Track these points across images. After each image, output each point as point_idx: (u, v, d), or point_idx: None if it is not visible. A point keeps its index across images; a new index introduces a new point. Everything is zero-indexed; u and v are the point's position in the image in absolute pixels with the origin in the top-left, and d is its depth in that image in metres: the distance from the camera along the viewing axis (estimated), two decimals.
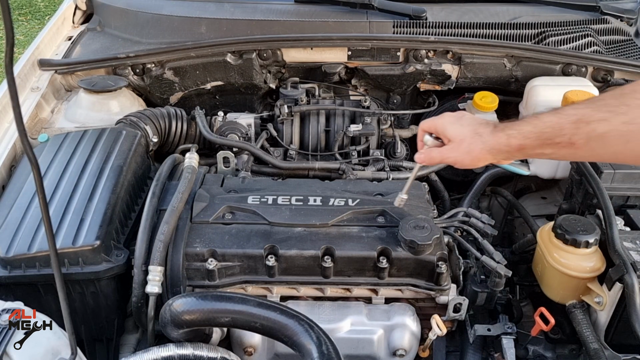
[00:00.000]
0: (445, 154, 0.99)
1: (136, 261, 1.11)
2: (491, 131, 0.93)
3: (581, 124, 0.79)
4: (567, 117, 0.81)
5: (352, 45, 1.71)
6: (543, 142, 0.85)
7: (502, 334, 1.22)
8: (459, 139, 0.97)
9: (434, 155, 1.02)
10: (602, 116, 0.77)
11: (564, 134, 0.81)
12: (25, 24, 5.24)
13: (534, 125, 0.86)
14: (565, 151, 0.83)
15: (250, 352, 1.16)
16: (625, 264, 1.10)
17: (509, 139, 0.89)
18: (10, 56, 0.60)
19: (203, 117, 1.60)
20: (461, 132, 0.96)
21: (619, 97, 0.77)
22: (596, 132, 0.78)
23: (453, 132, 0.98)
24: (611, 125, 0.76)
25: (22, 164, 1.36)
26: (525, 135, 0.87)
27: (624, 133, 0.76)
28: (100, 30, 1.93)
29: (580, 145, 0.80)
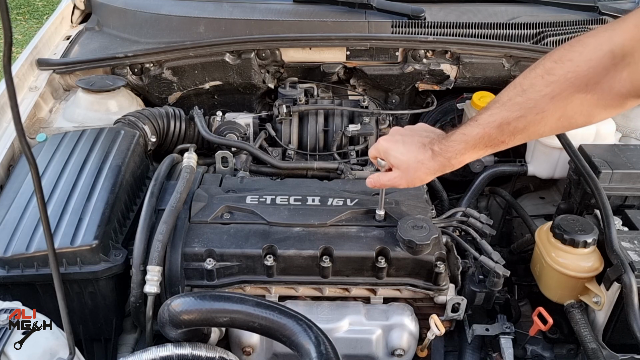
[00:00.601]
0: (395, 181, 1.07)
1: (134, 261, 1.10)
2: (431, 157, 1.01)
3: (503, 126, 0.91)
4: (489, 125, 0.92)
5: (351, 45, 1.71)
6: (478, 151, 0.97)
7: (500, 334, 1.23)
8: (403, 167, 1.05)
9: (384, 181, 1.10)
10: (518, 114, 0.89)
11: (493, 140, 0.93)
12: (24, 24, 5.24)
13: (465, 143, 0.96)
14: (499, 147, 0.95)
15: (249, 352, 1.16)
16: (623, 264, 1.10)
17: (449, 160, 1.00)
18: (8, 56, 0.60)
19: (202, 117, 1.60)
20: (404, 160, 1.04)
21: (523, 93, 0.88)
22: (518, 128, 0.90)
23: (396, 161, 1.05)
24: (528, 120, 0.89)
25: (20, 163, 1.36)
26: (461, 152, 0.98)
27: (540, 120, 0.89)
28: (98, 30, 1.92)
29: (509, 142, 0.93)
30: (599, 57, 0.81)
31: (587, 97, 0.84)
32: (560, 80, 0.84)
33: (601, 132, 1.50)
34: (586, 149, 1.38)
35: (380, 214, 1.20)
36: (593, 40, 0.82)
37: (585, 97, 0.84)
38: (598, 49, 0.81)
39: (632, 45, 0.78)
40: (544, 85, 0.86)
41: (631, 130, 1.67)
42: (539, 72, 0.87)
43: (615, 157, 1.35)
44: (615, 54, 0.80)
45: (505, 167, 1.63)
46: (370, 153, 1.13)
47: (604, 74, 0.81)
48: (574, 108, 0.86)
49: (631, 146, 1.44)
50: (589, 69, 0.82)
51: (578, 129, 1.44)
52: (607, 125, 1.52)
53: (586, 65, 0.82)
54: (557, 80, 0.85)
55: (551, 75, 0.85)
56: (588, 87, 0.83)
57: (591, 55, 0.82)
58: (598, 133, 1.50)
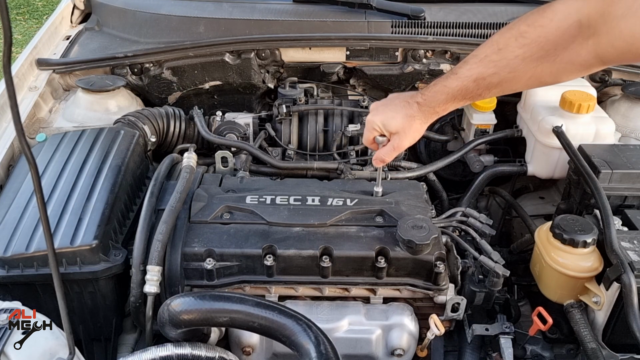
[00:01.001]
0: (398, 144, 1.14)
1: (134, 261, 1.10)
2: (418, 109, 1.10)
3: (479, 81, 0.99)
4: (467, 79, 1.00)
5: (351, 45, 1.71)
6: (458, 101, 1.05)
7: (500, 334, 1.23)
8: (400, 127, 1.12)
9: (388, 151, 1.16)
10: (492, 71, 0.97)
11: (470, 92, 1.02)
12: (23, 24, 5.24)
13: (446, 94, 1.05)
14: (477, 99, 1.04)
15: (249, 351, 1.16)
16: (623, 264, 1.10)
17: (435, 109, 1.09)
18: (8, 56, 0.60)
19: (201, 117, 1.60)
20: (399, 122, 1.12)
21: (498, 52, 0.95)
22: (492, 84, 0.98)
23: (395, 127, 1.13)
24: (501, 77, 0.96)
25: (20, 163, 1.36)
26: (444, 102, 1.06)
27: (512, 78, 0.96)
28: (98, 30, 1.92)
29: (485, 94, 1.02)
30: (567, 25, 0.87)
31: (556, 60, 0.91)
32: (532, 44, 0.91)
33: (601, 132, 1.50)
34: (586, 149, 1.38)
35: (378, 190, 1.25)
36: (563, 8, 0.89)
37: (555, 60, 0.91)
38: (567, 18, 0.87)
39: (596, 18, 0.83)
40: (517, 47, 0.93)
41: (631, 130, 1.67)
42: (513, 34, 0.93)
43: (614, 157, 1.35)
44: (582, 24, 0.86)
45: (505, 167, 1.63)
46: (366, 136, 1.19)
47: (571, 41, 0.88)
48: (543, 69, 0.93)
49: (631, 146, 1.44)
50: (558, 36, 0.89)
51: (578, 129, 1.46)
52: (607, 125, 1.52)
53: (555, 31, 0.89)
54: (529, 43, 0.91)
55: (524, 38, 0.92)
56: (557, 52, 0.90)
57: (560, 23, 0.88)
58: (598, 133, 1.50)
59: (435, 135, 1.75)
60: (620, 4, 0.80)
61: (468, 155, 1.66)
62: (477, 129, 1.67)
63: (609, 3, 0.81)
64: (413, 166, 1.61)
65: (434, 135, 1.75)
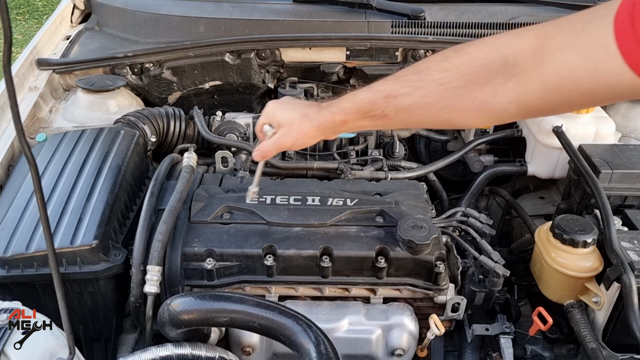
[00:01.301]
0: (280, 140, 1.06)
1: (134, 261, 1.10)
2: (316, 111, 1.02)
3: (390, 98, 0.91)
4: (378, 93, 0.93)
5: (351, 45, 1.71)
6: (362, 115, 0.96)
7: (500, 334, 1.23)
8: (289, 122, 1.04)
9: (268, 146, 1.08)
10: (406, 91, 0.89)
11: (377, 108, 0.93)
12: (23, 24, 5.24)
13: (352, 102, 0.97)
14: (381, 122, 0.95)
15: (249, 351, 1.16)
16: (623, 264, 1.10)
17: (333, 115, 0.99)
18: (8, 55, 0.60)
19: (201, 117, 1.60)
20: (290, 115, 1.04)
21: (417, 73, 0.89)
22: (402, 105, 0.90)
23: (283, 118, 1.05)
24: (413, 99, 0.89)
25: (20, 163, 1.36)
26: (346, 111, 0.98)
27: (424, 104, 0.88)
28: (98, 30, 1.92)
29: (392, 117, 0.93)
30: (492, 59, 0.81)
31: (471, 96, 0.83)
32: (453, 70, 0.85)
33: (601, 132, 1.50)
34: (586, 148, 1.38)
35: (254, 190, 1.18)
36: (493, 42, 0.83)
37: (470, 95, 0.84)
38: (494, 51, 0.81)
39: (524, 56, 0.77)
40: (437, 71, 0.86)
41: (631, 130, 1.67)
42: (437, 58, 0.88)
43: (615, 157, 1.35)
44: (507, 60, 0.79)
45: (505, 167, 1.63)
46: (258, 123, 1.12)
47: (492, 76, 0.81)
48: (457, 103, 0.86)
49: (631, 146, 1.44)
50: (481, 67, 0.82)
51: (578, 129, 1.46)
52: (607, 125, 1.52)
53: (479, 62, 0.82)
54: (450, 68, 0.85)
55: (447, 62, 0.86)
56: (475, 86, 0.83)
57: (486, 55, 0.82)
58: (598, 133, 1.50)
59: (435, 135, 1.75)
60: (557, 38, 0.73)
61: (468, 155, 1.66)
62: (477, 129, 1.67)
63: (542, 38, 0.75)
64: (413, 166, 1.61)
65: (434, 135, 1.75)
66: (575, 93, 0.72)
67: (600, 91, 0.69)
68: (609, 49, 0.64)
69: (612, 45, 0.64)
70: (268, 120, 1.09)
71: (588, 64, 0.68)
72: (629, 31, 0.62)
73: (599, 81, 0.68)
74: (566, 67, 0.71)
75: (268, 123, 1.10)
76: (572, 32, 0.70)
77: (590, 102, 0.76)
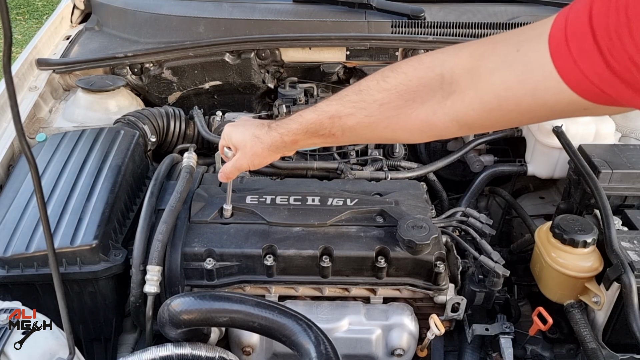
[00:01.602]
0: (237, 162, 1.09)
1: (134, 261, 1.10)
2: (266, 132, 1.03)
3: (335, 119, 0.92)
4: (323, 114, 0.94)
5: (351, 45, 1.71)
6: (311, 135, 0.97)
7: (500, 334, 1.23)
8: (242, 144, 1.07)
9: (229, 167, 1.11)
10: (349, 111, 0.90)
11: (324, 128, 0.94)
12: (23, 24, 5.24)
13: (299, 123, 0.98)
14: (331, 139, 0.97)
15: (249, 351, 1.16)
16: (623, 264, 1.10)
17: (282, 137, 1.01)
18: (8, 55, 0.59)
19: (201, 117, 1.60)
20: (243, 138, 1.06)
21: (359, 93, 0.90)
22: (347, 125, 0.92)
23: (237, 141, 1.08)
24: (357, 119, 0.90)
25: (20, 163, 1.36)
26: (294, 132, 0.99)
27: (369, 124, 0.89)
28: (98, 30, 1.92)
29: (339, 136, 0.94)
30: (429, 77, 0.81)
31: (412, 114, 0.84)
32: (391, 90, 0.85)
33: (601, 132, 1.50)
34: (586, 148, 1.38)
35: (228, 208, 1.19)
36: (429, 60, 0.83)
37: (411, 114, 0.84)
38: (431, 69, 0.81)
39: (460, 74, 0.77)
40: (377, 91, 0.87)
41: (631, 130, 1.67)
42: (377, 77, 0.88)
43: (614, 157, 1.35)
44: (444, 78, 0.79)
45: (505, 167, 1.63)
46: (220, 145, 1.15)
47: (431, 95, 0.81)
48: (399, 122, 0.87)
49: (631, 146, 1.44)
50: (418, 86, 0.82)
51: (578, 129, 1.46)
52: (607, 125, 1.52)
53: (417, 81, 0.83)
54: (389, 88, 0.85)
55: (385, 82, 0.86)
56: (415, 104, 0.83)
57: (423, 73, 0.82)
58: (598, 133, 1.50)
59: None
60: (493, 58, 0.73)
61: (468, 155, 1.66)
62: None
63: (478, 58, 0.75)
64: (413, 166, 1.61)
65: None
66: (515, 112, 0.73)
67: (539, 110, 0.71)
68: (545, 69, 0.66)
69: (548, 65, 0.66)
70: (225, 143, 1.12)
71: (527, 84, 0.69)
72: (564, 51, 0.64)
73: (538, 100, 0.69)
74: (504, 87, 0.72)
75: (227, 146, 1.12)
76: (507, 52, 0.72)
77: (530, 119, 0.77)
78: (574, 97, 0.65)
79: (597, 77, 0.62)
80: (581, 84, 0.64)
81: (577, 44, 0.62)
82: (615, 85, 0.61)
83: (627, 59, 0.58)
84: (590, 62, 0.61)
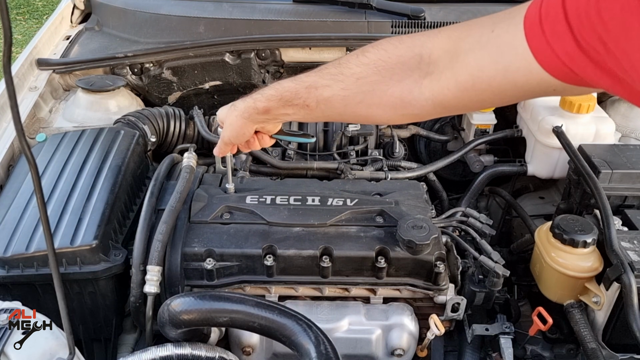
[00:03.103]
0: (223, 137, 1.10)
1: (134, 261, 1.10)
2: (242, 100, 1.04)
3: (311, 89, 0.92)
4: (301, 83, 0.94)
5: (351, 45, 1.71)
6: (284, 103, 0.96)
7: (500, 334, 1.23)
8: (224, 117, 1.08)
9: (219, 144, 1.13)
10: (326, 83, 0.91)
11: (299, 97, 0.94)
12: (23, 24, 5.24)
13: (275, 90, 0.97)
14: (304, 112, 0.96)
15: (249, 351, 1.16)
16: (623, 264, 1.10)
17: (255, 102, 1.00)
18: (8, 55, 0.60)
19: (201, 117, 1.60)
20: (226, 111, 1.08)
21: (338, 66, 0.90)
22: (323, 96, 0.91)
23: (221, 115, 1.10)
24: (333, 91, 0.90)
25: (20, 163, 1.36)
26: (268, 98, 0.98)
27: (343, 97, 0.89)
28: (98, 30, 1.92)
29: (313, 107, 0.93)
30: (409, 56, 0.83)
31: (387, 91, 0.85)
32: (370, 64, 0.86)
33: (601, 132, 1.50)
34: (586, 148, 1.38)
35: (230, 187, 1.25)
36: (409, 40, 0.85)
37: (387, 90, 0.85)
38: (411, 49, 0.83)
39: (438, 55, 0.79)
40: (355, 65, 0.88)
41: (631, 130, 1.67)
42: (357, 52, 0.89)
43: (614, 157, 1.35)
44: (422, 58, 0.81)
45: (505, 167, 1.63)
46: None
47: (408, 73, 0.83)
48: (373, 98, 0.87)
49: (631, 146, 1.44)
50: (397, 63, 0.84)
51: (578, 129, 1.46)
52: (607, 125, 1.52)
53: (396, 58, 0.84)
54: (367, 63, 0.86)
55: (365, 57, 0.87)
56: (392, 81, 0.84)
57: (403, 52, 0.84)
58: (598, 133, 1.50)
59: (435, 135, 1.75)
60: (468, 39, 0.76)
61: (468, 155, 1.66)
62: (477, 129, 1.67)
63: (455, 39, 0.78)
64: (413, 166, 1.61)
65: (434, 135, 1.75)
66: (488, 92, 0.76)
67: (511, 89, 0.73)
68: (518, 49, 0.68)
69: (522, 45, 0.68)
70: (219, 120, 1.13)
71: (499, 64, 0.72)
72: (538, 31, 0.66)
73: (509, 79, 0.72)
74: (478, 67, 0.74)
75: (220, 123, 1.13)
76: (482, 34, 0.74)
77: (501, 100, 0.79)
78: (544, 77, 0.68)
79: (568, 56, 0.64)
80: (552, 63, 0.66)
81: (550, 25, 0.65)
82: (585, 64, 0.63)
83: (596, 39, 0.60)
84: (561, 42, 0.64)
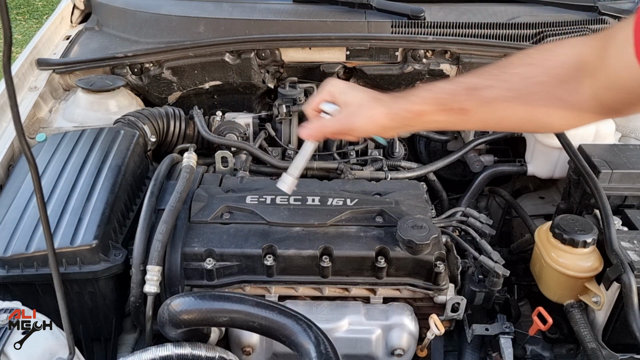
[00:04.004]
0: (343, 120, 0.96)
1: (134, 261, 1.10)
2: (391, 98, 0.94)
3: (472, 90, 0.87)
4: (460, 84, 0.89)
5: (351, 45, 1.71)
6: (440, 107, 0.90)
7: (500, 334, 1.23)
8: (358, 103, 0.95)
9: (327, 124, 0.98)
10: (489, 83, 0.86)
11: (457, 100, 0.88)
12: (23, 24, 5.24)
13: (431, 92, 0.91)
14: (458, 118, 0.90)
15: (249, 351, 1.16)
16: (623, 264, 1.10)
17: (411, 104, 0.92)
18: (8, 55, 0.60)
19: (201, 117, 1.60)
20: (361, 96, 0.96)
21: (500, 67, 0.87)
22: (485, 97, 0.86)
23: (353, 97, 0.96)
24: (496, 91, 0.85)
25: (20, 163, 1.36)
26: (424, 100, 0.91)
27: (507, 98, 0.85)
28: (98, 30, 1.92)
29: (471, 112, 0.88)
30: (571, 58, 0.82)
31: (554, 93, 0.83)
32: (536, 64, 0.83)
33: (601, 132, 1.50)
34: (586, 148, 1.38)
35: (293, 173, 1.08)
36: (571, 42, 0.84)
37: (553, 92, 0.83)
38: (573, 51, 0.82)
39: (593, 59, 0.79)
40: (520, 65, 0.85)
41: (631, 130, 1.67)
42: (519, 54, 0.87)
43: (614, 157, 1.35)
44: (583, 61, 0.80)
45: (504, 167, 1.63)
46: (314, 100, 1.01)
47: (572, 75, 0.81)
48: (540, 100, 0.84)
49: (631, 146, 1.44)
50: (560, 64, 0.82)
51: (578, 129, 1.46)
52: (607, 125, 1.52)
53: (560, 58, 0.82)
54: (532, 63, 0.84)
55: (529, 57, 0.85)
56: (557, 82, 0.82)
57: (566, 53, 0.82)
58: (598, 133, 1.50)
59: (435, 135, 1.75)
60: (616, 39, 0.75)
61: (468, 155, 1.66)
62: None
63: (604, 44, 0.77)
64: (413, 166, 1.61)
65: (434, 135, 1.75)
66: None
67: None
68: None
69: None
70: (331, 97, 0.98)
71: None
72: None
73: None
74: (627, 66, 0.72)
75: (330, 101, 0.98)
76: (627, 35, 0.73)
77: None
78: None
79: None
80: None
81: None
82: None
83: None
84: None
